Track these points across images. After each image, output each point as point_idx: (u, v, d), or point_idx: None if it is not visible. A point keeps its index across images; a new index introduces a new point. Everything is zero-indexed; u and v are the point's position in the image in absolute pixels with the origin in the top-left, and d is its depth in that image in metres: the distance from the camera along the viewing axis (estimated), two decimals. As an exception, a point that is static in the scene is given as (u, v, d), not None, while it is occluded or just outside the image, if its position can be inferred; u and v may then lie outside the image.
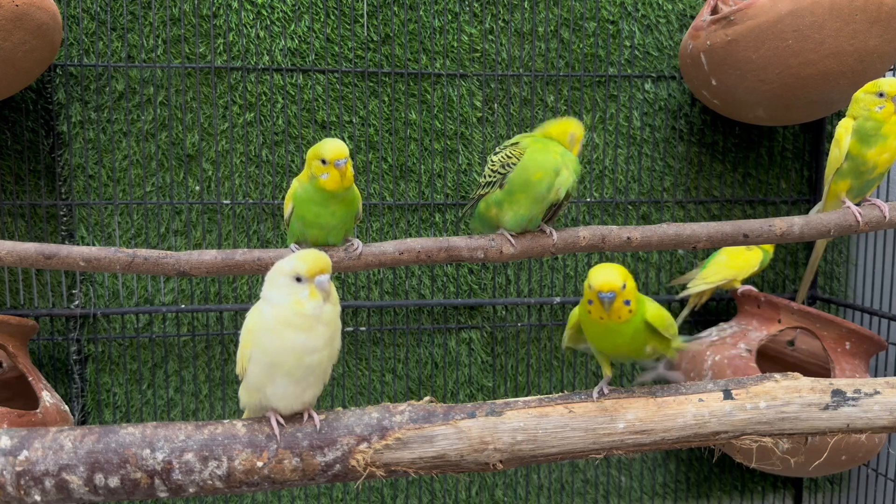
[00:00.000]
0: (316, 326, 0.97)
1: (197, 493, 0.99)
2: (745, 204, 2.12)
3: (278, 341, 0.97)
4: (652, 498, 2.15)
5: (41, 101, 1.83)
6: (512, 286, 2.04)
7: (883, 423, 1.06)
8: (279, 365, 0.98)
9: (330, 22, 1.90)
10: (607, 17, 1.99)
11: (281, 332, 0.97)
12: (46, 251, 1.32)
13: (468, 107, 1.97)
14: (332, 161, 1.23)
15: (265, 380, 0.99)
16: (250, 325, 1.00)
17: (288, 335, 0.97)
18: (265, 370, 0.99)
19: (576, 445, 1.03)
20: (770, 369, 2.03)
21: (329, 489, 2.01)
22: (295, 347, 0.97)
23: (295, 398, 1.01)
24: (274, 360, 0.98)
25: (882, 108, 1.38)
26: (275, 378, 0.99)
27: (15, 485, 0.94)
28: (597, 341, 1.13)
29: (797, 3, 1.60)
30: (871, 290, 2.08)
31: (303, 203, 1.31)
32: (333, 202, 1.30)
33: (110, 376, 1.90)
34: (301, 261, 0.98)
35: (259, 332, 0.98)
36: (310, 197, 1.29)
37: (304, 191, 1.30)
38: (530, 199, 1.35)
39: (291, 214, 1.34)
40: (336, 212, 1.31)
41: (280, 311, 0.97)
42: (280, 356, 0.98)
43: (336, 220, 1.33)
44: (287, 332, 0.97)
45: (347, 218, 1.35)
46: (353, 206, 1.34)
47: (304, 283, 0.97)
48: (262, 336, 0.98)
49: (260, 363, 0.99)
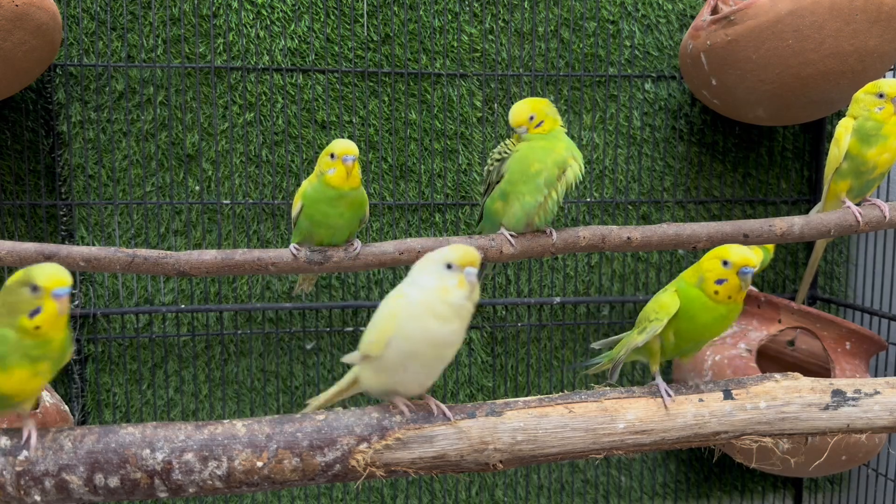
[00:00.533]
0: (455, 320, 0.98)
1: (197, 493, 0.99)
2: (745, 204, 2.12)
3: (421, 332, 0.97)
4: (652, 498, 2.15)
5: (41, 101, 1.82)
6: (512, 286, 2.04)
7: (883, 423, 1.06)
8: (418, 354, 0.99)
9: (330, 22, 1.90)
10: (607, 17, 1.99)
11: (425, 322, 0.97)
12: (46, 251, 1.32)
13: (468, 107, 1.97)
14: (340, 156, 1.27)
15: (398, 366, 1.00)
16: (394, 311, 0.99)
17: (431, 326, 0.97)
18: (402, 357, 0.99)
19: (576, 445, 1.03)
20: (770, 369, 2.03)
21: (329, 489, 2.01)
22: (435, 339, 0.98)
23: (420, 385, 1.03)
24: (414, 348, 0.98)
25: (882, 109, 1.38)
26: (408, 365, 1.00)
27: (15, 485, 0.94)
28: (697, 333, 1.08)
29: (797, 3, 1.60)
30: (871, 290, 2.08)
31: (312, 202, 1.33)
32: (342, 203, 1.32)
33: (110, 376, 1.90)
34: (454, 250, 0.98)
35: (403, 319, 0.98)
36: (319, 196, 1.32)
37: (314, 190, 1.33)
38: (532, 186, 1.36)
39: (300, 213, 1.36)
40: (344, 213, 1.33)
41: (426, 297, 0.97)
42: (420, 346, 0.98)
43: (343, 221, 1.34)
44: (431, 322, 0.97)
45: (354, 220, 1.36)
46: (360, 209, 1.36)
47: (454, 272, 0.97)
48: (406, 323, 0.98)
49: (398, 350, 0.99)
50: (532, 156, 1.36)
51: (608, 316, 2.08)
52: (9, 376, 0.89)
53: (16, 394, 0.92)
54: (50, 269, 0.89)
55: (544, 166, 1.35)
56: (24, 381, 0.90)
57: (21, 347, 0.88)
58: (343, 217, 1.34)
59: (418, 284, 0.99)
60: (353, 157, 1.27)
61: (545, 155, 1.36)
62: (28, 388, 0.92)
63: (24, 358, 0.89)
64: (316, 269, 1.39)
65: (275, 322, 1.95)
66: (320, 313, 1.96)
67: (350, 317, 1.98)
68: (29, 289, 0.88)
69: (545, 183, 1.35)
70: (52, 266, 0.90)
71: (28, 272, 0.88)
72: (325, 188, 1.31)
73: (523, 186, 1.36)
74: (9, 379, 0.89)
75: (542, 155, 1.36)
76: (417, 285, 0.99)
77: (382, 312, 1.01)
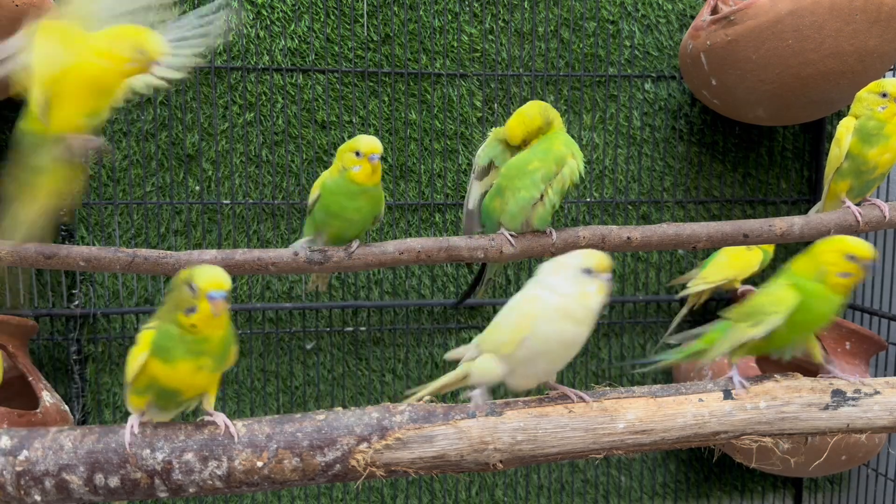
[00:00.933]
0: (588, 322, 1.01)
1: (197, 493, 0.99)
2: (745, 204, 2.12)
3: (557, 333, 1.01)
4: (652, 498, 2.15)
5: (41, 101, 1.82)
6: (512, 286, 2.04)
7: (883, 423, 1.06)
8: (548, 353, 1.02)
9: (330, 22, 1.90)
10: (607, 17, 1.99)
11: (561, 324, 1.00)
12: (46, 251, 1.32)
13: (468, 107, 1.97)
14: (367, 154, 1.27)
15: (526, 363, 1.03)
16: (530, 312, 1.02)
17: (567, 328, 1.00)
18: (532, 355, 1.02)
19: (576, 445, 1.03)
20: (770, 369, 2.03)
21: (329, 489, 2.01)
22: (566, 339, 1.01)
23: (536, 380, 1.07)
24: (546, 348, 1.02)
25: (885, 109, 1.38)
26: (536, 363, 1.03)
27: (15, 485, 0.94)
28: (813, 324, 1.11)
29: (797, 3, 1.60)
30: (871, 290, 2.08)
31: (331, 194, 1.33)
32: (361, 197, 1.32)
33: (110, 376, 1.90)
34: (591, 256, 1.01)
35: (539, 320, 1.01)
36: (339, 189, 1.32)
37: (335, 183, 1.33)
38: (528, 182, 1.36)
39: (316, 203, 1.36)
40: (362, 207, 1.34)
41: (564, 302, 1.00)
42: (553, 346, 1.02)
43: (360, 216, 1.35)
44: (567, 324, 1.00)
45: (370, 216, 1.37)
46: (377, 205, 1.37)
47: (593, 277, 1.00)
48: (543, 325, 1.00)
49: (531, 349, 1.02)
50: (530, 154, 1.36)
51: (608, 316, 2.08)
52: (174, 369, 0.94)
53: (183, 389, 0.98)
54: (209, 272, 0.94)
55: (542, 164, 1.35)
56: (188, 374, 0.95)
57: (183, 342, 0.94)
58: (360, 212, 1.34)
59: (553, 288, 1.02)
60: (379, 156, 1.28)
61: (544, 153, 1.36)
62: (193, 383, 0.97)
63: (187, 352, 0.94)
64: (316, 269, 1.39)
65: (275, 322, 1.95)
66: (320, 313, 1.96)
67: (350, 317, 1.98)
68: (188, 288, 0.92)
69: (542, 178, 1.35)
70: (212, 268, 0.94)
71: (191, 272, 0.93)
72: (347, 183, 1.31)
73: (519, 182, 1.36)
74: (174, 372, 0.95)
75: (542, 153, 1.36)
76: (552, 289, 1.02)
77: (518, 313, 1.04)
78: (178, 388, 0.97)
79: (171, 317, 0.94)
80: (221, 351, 0.98)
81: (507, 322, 1.04)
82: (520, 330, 1.01)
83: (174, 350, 0.94)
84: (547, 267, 1.05)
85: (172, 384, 0.96)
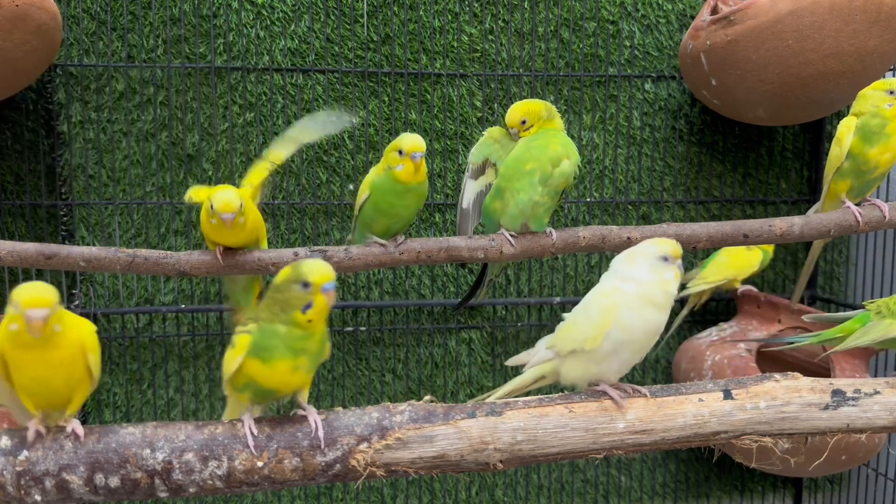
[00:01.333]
0: (668, 308, 1.03)
1: (197, 493, 0.99)
2: (745, 204, 2.12)
3: (640, 321, 1.02)
4: (652, 498, 2.15)
5: (41, 101, 1.82)
6: (512, 286, 2.04)
7: (883, 423, 1.06)
8: (631, 343, 1.03)
9: (330, 22, 1.90)
10: (607, 17, 1.99)
11: (643, 312, 1.02)
12: (46, 251, 1.32)
13: (468, 107, 1.97)
14: (409, 153, 1.29)
15: (610, 355, 1.04)
16: (611, 306, 1.03)
17: (650, 315, 1.02)
18: (616, 346, 1.03)
19: (576, 445, 1.03)
20: (770, 369, 2.02)
21: (329, 489, 2.01)
22: (650, 327, 1.03)
23: (620, 372, 1.07)
24: (630, 337, 1.03)
25: (892, 106, 1.38)
26: (620, 354, 1.04)
27: (15, 485, 0.94)
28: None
29: (797, 3, 1.60)
30: (871, 290, 2.08)
31: (380, 192, 1.35)
32: (409, 195, 1.34)
33: (110, 376, 1.90)
34: (666, 244, 1.04)
35: (622, 312, 1.02)
36: (388, 187, 1.34)
37: (382, 182, 1.35)
38: (526, 183, 1.36)
39: (366, 201, 1.38)
40: (409, 204, 1.37)
41: (645, 289, 1.02)
42: (637, 335, 1.03)
43: (408, 213, 1.38)
44: (649, 312, 1.02)
45: (416, 210, 1.40)
46: (423, 199, 1.39)
47: (669, 264, 1.03)
48: (625, 315, 1.02)
49: (614, 340, 1.03)
50: (527, 154, 1.37)
51: (608, 316, 2.08)
52: (272, 369, 0.96)
53: (278, 388, 1.00)
54: (318, 266, 0.95)
55: (539, 164, 1.35)
56: (285, 373, 0.97)
57: (288, 341, 0.96)
58: (409, 208, 1.37)
59: (632, 278, 1.04)
60: (421, 154, 1.29)
61: (540, 152, 1.36)
62: (289, 382, 0.99)
63: (286, 352, 0.96)
64: (316, 269, 1.39)
65: (275, 322, 1.95)
66: (320, 313, 1.96)
67: (350, 317, 1.98)
68: (300, 286, 0.94)
69: (539, 180, 1.35)
70: (318, 263, 0.96)
71: (297, 270, 0.95)
72: (392, 182, 1.33)
73: (517, 183, 1.36)
74: (272, 372, 0.97)
75: (538, 153, 1.36)
76: (630, 279, 1.04)
77: (597, 308, 1.05)
78: (275, 388, 1.00)
79: (284, 317, 0.95)
80: (319, 349, 0.99)
81: (588, 317, 1.05)
82: (603, 324, 1.03)
83: (274, 350, 0.96)
84: (621, 258, 1.07)
85: (270, 384, 0.99)
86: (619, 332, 1.02)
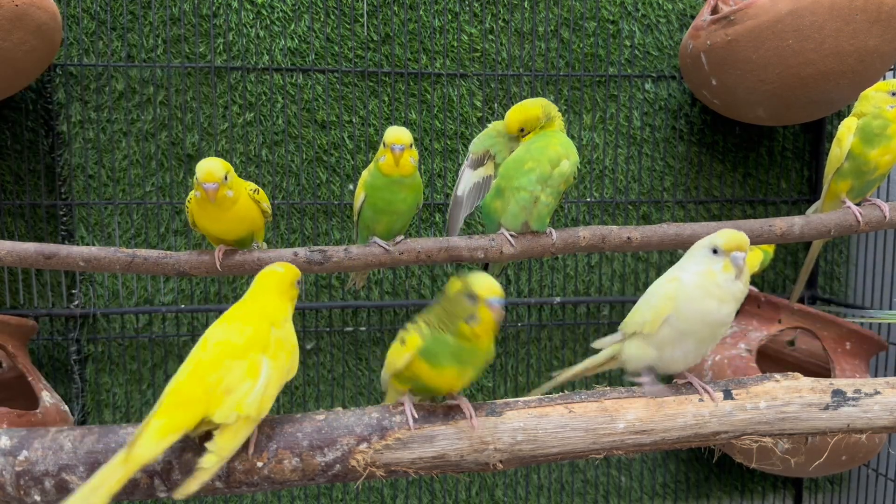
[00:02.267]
0: (730, 301, 1.03)
1: (197, 493, 0.99)
2: (745, 204, 2.12)
3: (698, 313, 1.04)
4: (652, 498, 2.15)
5: (41, 101, 1.82)
6: (512, 286, 2.04)
7: (883, 423, 1.06)
8: (692, 333, 1.05)
9: (330, 22, 1.90)
10: (607, 16, 1.99)
11: (700, 304, 1.03)
12: (46, 251, 1.32)
13: (468, 107, 1.97)
14: (390, 144, 1.31)
15: (672, 343, 1.07)
16: (670, 293, 1.06)
17: (708, 307, 1.03)
18: (677, 334, 1.06)
19: (576, 445, 1.03)
20: (770, 369, 2.03)
21: (329, 489, 2.01)
22: (709, 319, 1.04)
23: (685, 363, 1.09)
24: (689, 327, 1.05)
25: (894, 108, 1.38)
26: (682, 342, 1.06)
27: (15, 485, 0.94)
28: None
29: (797, 3, 1.60)
30: (871, 290, 2.08)
31: (373, 189, 1.36)
32: (399, 187, 1.35)
33: (110, 376, 1.90)
34: (720, 235, 1.04)
35: (680, 301, 1.05)
36: (378, 182, 1.35)
37: (373, 177, 1.36)
38: (526, 181, 1.36)
39: (363, 204, 1.39)
40: (406, 198, 1.36)
41: (697, 280, 1.04)
42: (696, 325, 1.05)
43: (405, 207, 1.38)
44: (707, 303, 1.03)
45: (414, 205, 1.40)
46: (418, 195, 1.40)
47: (720, 256, 1.03)
48: (683, 304, 1.04)
49: (674, 328, 1.06)
50: (526, 154, 1.37)
51: (608, 316, 2.08)
52: (440, 374, 1.00)
53: (440, 389, 1.04)
54: (485, 281, 0.97)
55: (538, 164, 1.35)
56: (450, 378, 1.01)
57: (456, 351, 0.99)
58: (406, 203, 1.37)
59: (688, 269, 1.06)
60: (401, 147, 1.30)
61: (539, 153, 1.36)
62: (453, 386, 1.03)
63: (454, 360, 1.00)
64: (316, 270, 1.39)
65: (275, 322, 1.95)
66: (320, 313, 1.96)
67: (350, 317, 1.98)
68: (467, 298, 0.97)
69: (538, 179, 1.35)
70: (487, 277, 0.98)
71: (466, 282, 0.97)
72: (381, 177, 1.34)
73: (517, 182, 1.36)
74: (438, 375, 1.00)
75: (537, 153, 1.36)
76: (687, 270, 1.06)
77: (657, 294, 1.08)
78: (438, 387, 1.03)
79: (451, 327, 0.98)
80: (485, 358, 1.02)
81: (649, 303, 1.08)
82: (662, 310, 1.05)
83: (443, 357, 0.99)
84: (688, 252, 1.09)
85: (434, 384, 1.02)
86: (677, 320, 1.04)
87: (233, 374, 0.92)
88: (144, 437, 0.86)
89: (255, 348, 0.95)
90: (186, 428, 0.89)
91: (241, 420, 0.90)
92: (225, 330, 0.97)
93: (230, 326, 0.98)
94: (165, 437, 0.87)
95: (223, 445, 0.89)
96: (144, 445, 0.86)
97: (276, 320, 1.01)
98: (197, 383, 0.91)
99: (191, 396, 0.90)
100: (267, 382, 0.94)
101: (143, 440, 0.86)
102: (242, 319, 0.99)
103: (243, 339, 0.96)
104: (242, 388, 0.92)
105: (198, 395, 0.90)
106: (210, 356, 0.94)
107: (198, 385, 0.91)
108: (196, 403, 0.89)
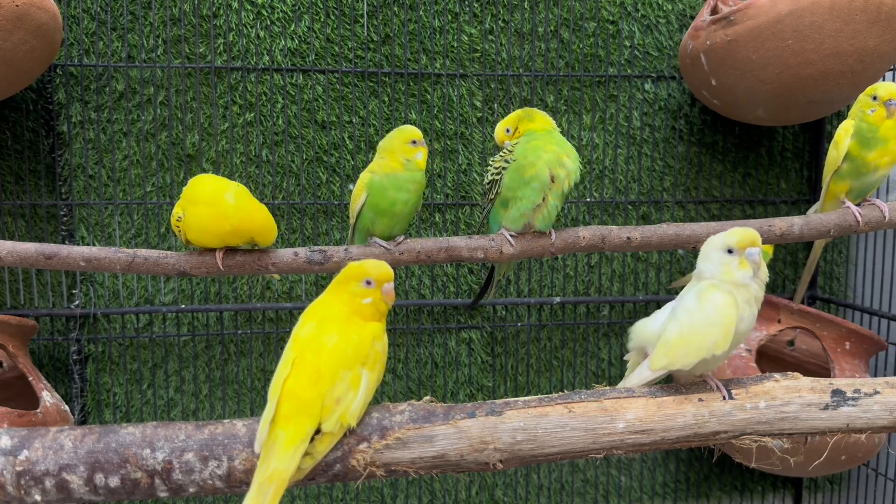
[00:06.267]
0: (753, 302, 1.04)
1: (197, 493, 0.99)
2: (745, 204, 2.12)
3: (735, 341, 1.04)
4: (652, 498, 2.15)
5: (41, 101, 1.83)
6: (512, 286, 2.04)
7: (883, 423, 1.06)
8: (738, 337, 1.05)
9: (330, 22, 1.90)
10: (607, 17, 1.99)
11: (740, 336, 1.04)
12: (46, 251, 1.32)
13: (468, 107, 1.97)
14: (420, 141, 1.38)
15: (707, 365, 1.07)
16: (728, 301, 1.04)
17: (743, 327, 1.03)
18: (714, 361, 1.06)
19: (576, 445, 1.03)
20: (770, 369, 2.03)
21: (329, 489, 2.01)
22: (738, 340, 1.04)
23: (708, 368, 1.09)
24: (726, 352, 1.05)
25: (874, 112, 1.38)
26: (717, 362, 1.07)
27: (15, 485, 0.94)
28: None
29: (797, 3, 1.60)
30: (871, 290, 2.08)
31: (380, 190, 1.37)
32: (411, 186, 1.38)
33: (110, 376, 1.90)
34: (732, 234, 1.04)
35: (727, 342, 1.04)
36: (391, 184, 1.36)
37: (382, 178, 1.37)
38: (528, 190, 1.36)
39: (363, 206, 1.39)
40: (410, 199, 1.38)
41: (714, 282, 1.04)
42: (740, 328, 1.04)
43: (408, 208, 1.39)
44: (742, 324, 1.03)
45: (415, 205, 1.41)
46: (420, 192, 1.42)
47: (735, 255, 1.03)
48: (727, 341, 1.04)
49: None
50: (525, 162, 1.36)
51: (608, 316, 2.08)
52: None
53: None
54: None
55: (537, 170, 1.35)
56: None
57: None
58: (408, 204, 1.38)
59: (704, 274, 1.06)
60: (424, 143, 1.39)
61: (536, 157, 1.35)
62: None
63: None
64: (316, 270, 1.39)
65: (275, 322, 1.95)
66: (320, 313, 1.96)
67: (350, 317, 1.98)
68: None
69: (539, 186, 1.35)
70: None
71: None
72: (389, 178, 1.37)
73: (520, 192, 1.37)
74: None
75: (534, 158, 1.35)
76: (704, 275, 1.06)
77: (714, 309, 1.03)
78: None
79: None
80: None
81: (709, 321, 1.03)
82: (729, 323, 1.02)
83: None
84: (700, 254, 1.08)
85: None
86: None
87: (344, 383, 0.96)
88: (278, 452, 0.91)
89: (359, 360, 0.98)
90: (307, 436, 0.92)
91: (341, 429, 0.95)
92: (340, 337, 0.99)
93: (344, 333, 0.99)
94: (296, 445, 0.92)
95: (321, 450, 0.95)
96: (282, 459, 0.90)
97: (378, 333, 1.03)
98: (312, 389, 0.94)
99: (309, 403, 0.93)
100: (365, 394, 0.97)
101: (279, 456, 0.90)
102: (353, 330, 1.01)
103: (352, 350, 0.98)
104: (348, 398, 0.95)
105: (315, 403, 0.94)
106: (325, 362, 0.96)
107: (312, 390, 0.94)
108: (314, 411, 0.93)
